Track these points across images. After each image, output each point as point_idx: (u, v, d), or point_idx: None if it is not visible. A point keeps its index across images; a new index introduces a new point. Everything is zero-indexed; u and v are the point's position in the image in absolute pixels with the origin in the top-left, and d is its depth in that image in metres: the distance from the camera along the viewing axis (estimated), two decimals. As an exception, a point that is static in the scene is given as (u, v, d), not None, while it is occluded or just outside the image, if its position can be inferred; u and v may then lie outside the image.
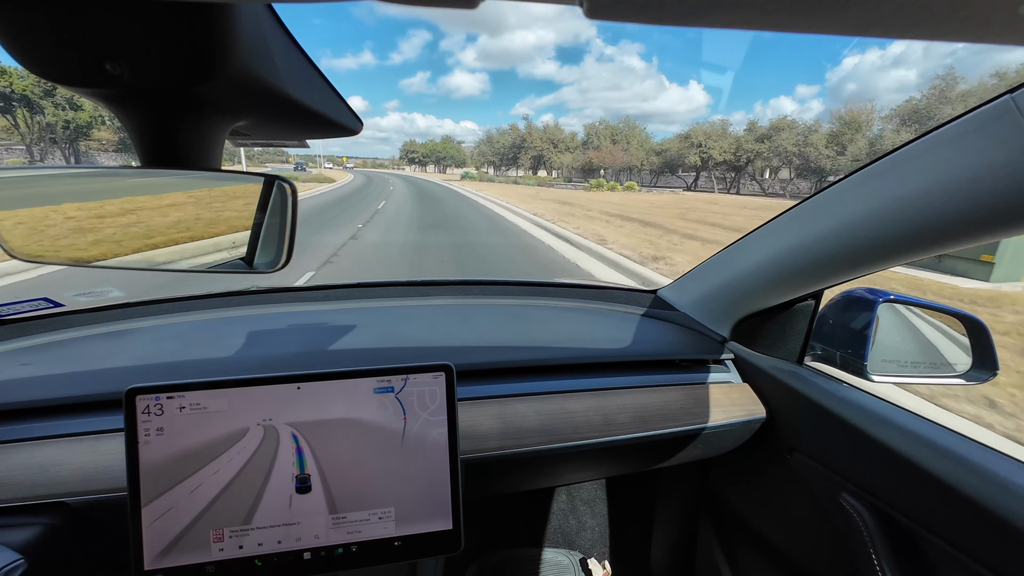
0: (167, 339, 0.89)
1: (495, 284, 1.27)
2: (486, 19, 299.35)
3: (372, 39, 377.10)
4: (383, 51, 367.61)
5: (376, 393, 0.63)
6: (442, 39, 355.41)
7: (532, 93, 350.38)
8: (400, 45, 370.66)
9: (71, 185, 0.59)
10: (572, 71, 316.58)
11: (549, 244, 9.06)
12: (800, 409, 0.85)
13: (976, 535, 0.58)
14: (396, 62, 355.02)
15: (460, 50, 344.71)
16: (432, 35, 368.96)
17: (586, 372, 0.90)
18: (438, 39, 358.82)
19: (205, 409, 0.58)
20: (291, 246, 0.54)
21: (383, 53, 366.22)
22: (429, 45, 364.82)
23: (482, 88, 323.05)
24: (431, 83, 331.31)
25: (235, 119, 0.48)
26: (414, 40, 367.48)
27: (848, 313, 0.83)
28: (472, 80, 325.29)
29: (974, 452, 0.63)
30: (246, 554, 0.58)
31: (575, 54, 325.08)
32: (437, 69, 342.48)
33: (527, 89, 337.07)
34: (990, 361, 0.79)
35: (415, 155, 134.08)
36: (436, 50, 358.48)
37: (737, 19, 0.19)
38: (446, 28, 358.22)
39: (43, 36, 0.34)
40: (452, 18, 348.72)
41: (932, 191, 0.53)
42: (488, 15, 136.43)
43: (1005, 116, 0.46)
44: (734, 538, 1.11)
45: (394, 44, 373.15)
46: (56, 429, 0.66)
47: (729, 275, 0.96)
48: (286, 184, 0.54)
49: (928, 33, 0.20)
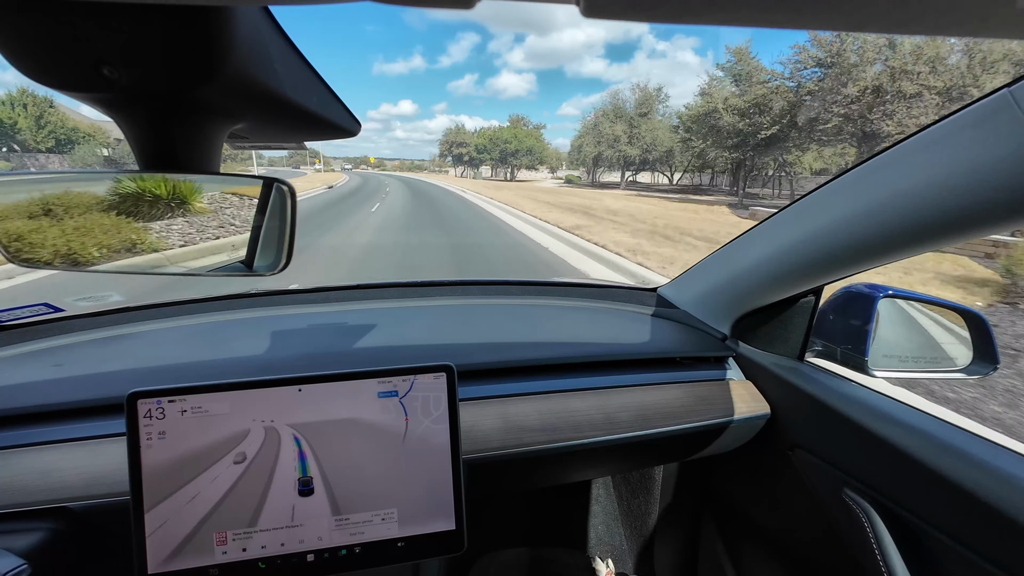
0: (168, 343, 0.89)
1: (495, 284, 1.27)
2: (535, 18, 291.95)
3: (422, 43, 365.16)
4: (432, 54, 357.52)
5: (380, 397, 0.63)
6: (490, 40, 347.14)
7: (579, 92, 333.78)
8: (449, 48, 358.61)
9: (69, 189, 0.59)
10: (621, 69, 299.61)
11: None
12: (802, 405, 0.85)
13: (979, 530, 0.58)
14: (445, 65, 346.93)
15: (508, 51, 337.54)
16: (480, 37, 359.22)
17: (587, 371, 0.90)
18: (486, 40, 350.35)
19: (207, 412, 0.58)
20: (291, 248, 0.54)
21: (432, 57, 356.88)
22: (477, 47, 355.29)
23: (528, 88, 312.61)
24: (478, 85, 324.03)
25: (233, 122, 0.48)
26: (463, 43, 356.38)
27: (848, 309, 0.83)
28: (519, 81, 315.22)
29: (976, 447, 0.63)
30: (250, 557, 0.58)
31: (625, 51, 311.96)
32: (485, 71, 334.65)
33: (574, 88, 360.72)
34: (990, 354, 0.79)
35: (463, 151, 77.35)
36: (484, 52, 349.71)
37: (735, 17, 0.19)
38: (494, 29, 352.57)
39: (40, 41, 0.34)
40: (501, 19, 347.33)
41: (931, 186, 0.53)
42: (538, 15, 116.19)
43: (1003, 110, 0.46)
44: (737, 535, 1.11)
45: (443, 47, 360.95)
46: (58, 434, 0.66)
47: (729, 272, 0.96)
48: (285, 186, 0.54)
49: (927, 28, 0.20)
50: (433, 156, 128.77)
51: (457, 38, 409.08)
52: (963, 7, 0.18)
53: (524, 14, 46.46)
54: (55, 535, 0.59)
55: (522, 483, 0.92)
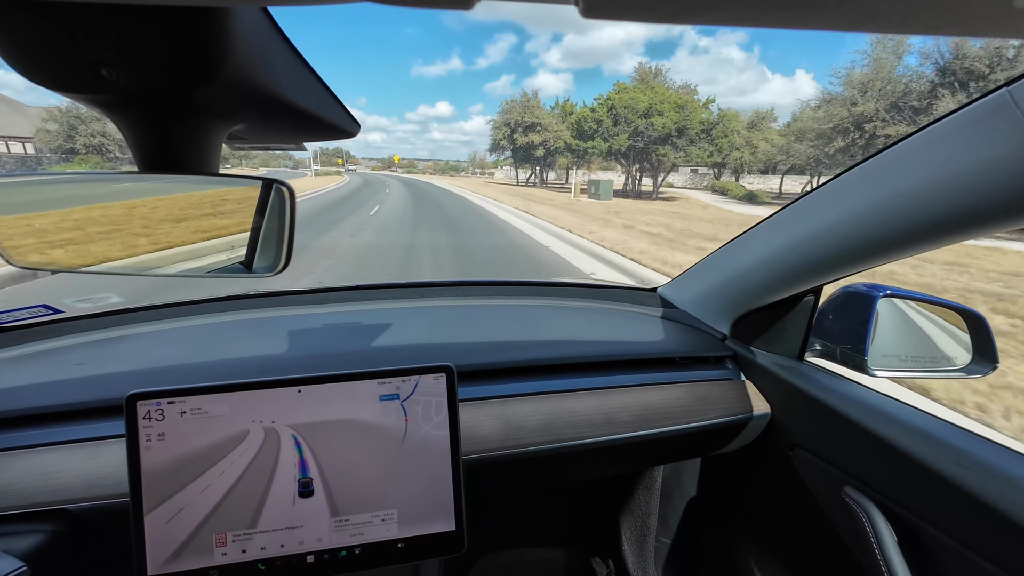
0: (167, 344, 0.89)
1: (495, 284, 1.27)
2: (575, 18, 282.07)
3: (460, 45, 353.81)
4: (470, 56, 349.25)
5: (381, 400, 0.63)
6: (528, 41, 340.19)
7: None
8: (487, 50, 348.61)
9: (68, 191, 0.59)
10: (661, 66, 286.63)
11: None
12: (801, 405, 0.85)
13: (979, 529, 0.58)
14: (482, 66, 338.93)
15: (545, 51, 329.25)
16: (518, 37, 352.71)
17: (587, 371, 0.90)
18: (524, 41, 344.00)
19: (206, 414, 0.58)
20: (290, 249, 0.54)
21: (470, 58, 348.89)
22: (515, 48, 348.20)
23: (565, 88, 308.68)
24: (515, 86, 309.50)
25: (232, 123, 0.48)
26: (500, 44, 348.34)
27: (848, 308, 0.83)
28: (556, 80, 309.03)
29: (977, 446, 0.63)
30: (249, 558, 0.58)
31: (666, 48, 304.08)
32: (521, 71, 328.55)
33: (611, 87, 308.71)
34: (990, 354, 0.80)
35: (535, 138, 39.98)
36: (521, 52, 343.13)
37: (733, 17, 0.19)
38: (533, 29, 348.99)
39: (39, 42, 0.34)
40: (540, 19, 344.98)
41: (930, 186, 0.53)
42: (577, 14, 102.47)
43: (1002, 110, 0.46)
44: (737, 535, 1.11)
45: (481, 49, 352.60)
46: (57, 436, 0.66)
47: (728, 272, 0.96)
48: (284, 187, 0.54)
49: (924, 27, 0.20)
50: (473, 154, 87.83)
51: (495, 39, 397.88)
52: (962, 6, 0.18)
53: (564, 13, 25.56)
54: (55, 537, 0.59)
55: (522, 483, 0.92)
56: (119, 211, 0.56)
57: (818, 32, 0.22)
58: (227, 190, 0.58)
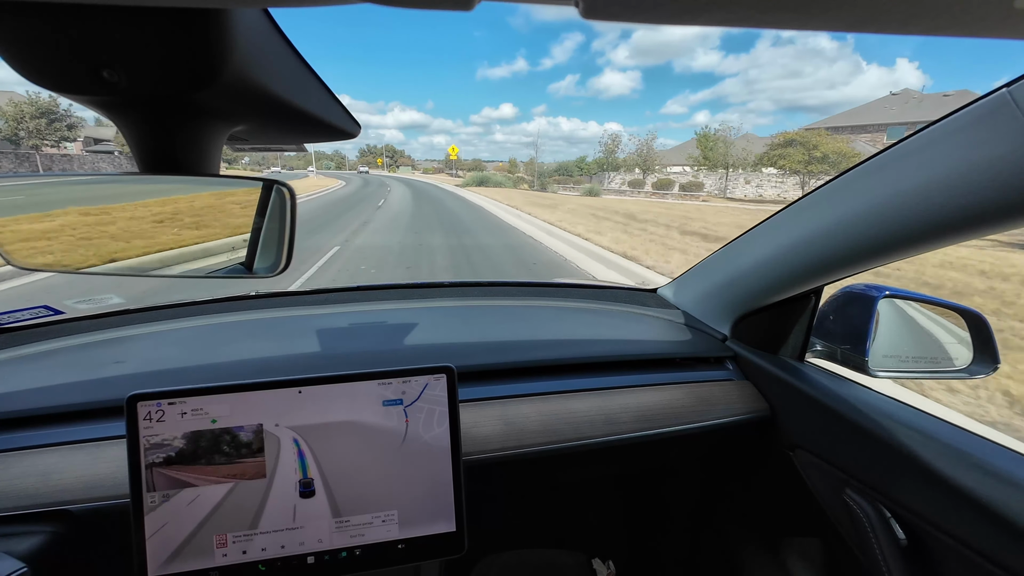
0: (167, 345, 0.89)
1: (495, 285, 1.27)
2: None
3: (525, 46, 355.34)
4: (535, 57, 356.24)
5: (385, 406, 0.63)
6: (595, 39, 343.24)
7: (687, 89, 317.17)
8: (552, 50, 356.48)
9: (70, 192, 0.59)
10: (739, 60, 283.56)
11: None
12: (802, 406, 0.85)
13: (981, 530, 0.58)
14: (546, 67, 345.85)
15: (612, 49, 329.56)
16: (584, 36, 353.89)
17: (587, 372, 0.90)
18: (590, 39, 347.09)
19: (207, 415, 0.58)
20: (290, 250, 0.54)
21: (534, 59, 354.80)
22: (581, 47, 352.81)
23: (632, 87, 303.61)
24: (579, 85, 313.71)
25: (233, 124, 0.48)
26: (566, 43, 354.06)
27: (848, 309, 0.83)
28: (622, 79, 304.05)
29: (978, 447, 0.62)
30: (250, 559, 0.58)
31: (745, 41, 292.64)
32: (587, 71, 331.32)
33: (682, 84, 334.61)
34: (991, 354, 0.79)
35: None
36: (587, 51, 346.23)
37: (734, 17, 0.19)
38: (600, 27, 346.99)
39: (41, 44, 0.34)
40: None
41: (931, 186, 0.53)
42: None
43: (1002, 110, 0.46)
44: (738, 536, 1.10)
45: (546, 50, 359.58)
46: (58, 437, 0.66)
47: (729, 273, 0.96)
48: (284, 188, 0.54)
49: (924, 28, 0.20)
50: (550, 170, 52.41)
51: (560, 39, 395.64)
52: (962, 6, 0.18)
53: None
54: (55, 538, 0.59)
55: (523, 484, 0.92)
56: (118, 212, 0.56)
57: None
58: (227, 191, 0.59)
